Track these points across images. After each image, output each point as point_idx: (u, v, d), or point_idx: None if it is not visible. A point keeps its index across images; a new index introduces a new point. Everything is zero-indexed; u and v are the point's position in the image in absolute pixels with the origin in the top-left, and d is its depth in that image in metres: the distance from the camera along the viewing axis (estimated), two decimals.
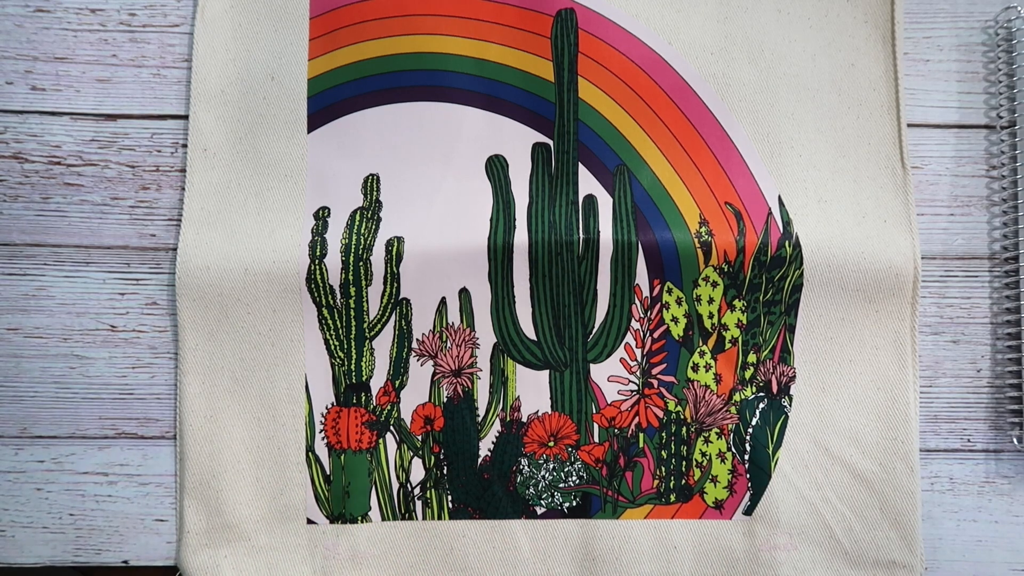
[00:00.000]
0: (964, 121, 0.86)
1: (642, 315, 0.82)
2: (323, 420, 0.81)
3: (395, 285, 0.80)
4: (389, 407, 0.82)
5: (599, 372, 0.82)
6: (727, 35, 0.84)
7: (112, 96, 0.85)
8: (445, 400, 0.82)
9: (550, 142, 0.83)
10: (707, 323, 0.82)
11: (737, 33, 0.84)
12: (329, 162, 0.83)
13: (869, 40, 0.84)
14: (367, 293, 0.80)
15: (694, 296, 0.81)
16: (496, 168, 0.82)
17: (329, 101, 0.83)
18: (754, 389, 0.82)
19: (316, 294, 0.80)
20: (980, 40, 0.87)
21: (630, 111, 0.83)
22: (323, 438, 0.81)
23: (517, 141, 0.83)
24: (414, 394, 0.82)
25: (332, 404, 0.82)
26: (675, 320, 0.82)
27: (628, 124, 0.83)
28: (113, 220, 0.84)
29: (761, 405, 0.82)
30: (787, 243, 0.80)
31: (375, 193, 0.82)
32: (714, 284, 0.81)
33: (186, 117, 0.84)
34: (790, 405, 0.82)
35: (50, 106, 0.84)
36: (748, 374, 0.82)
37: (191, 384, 0.81)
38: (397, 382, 0.82)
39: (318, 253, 0.79)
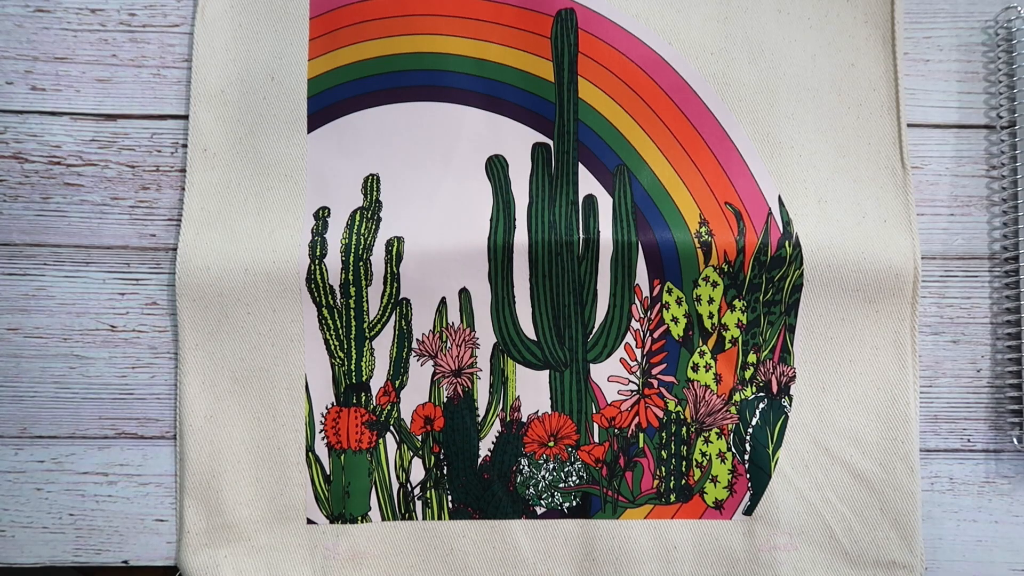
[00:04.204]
0: (964, 121, 0.86)
1: (642, 315, 0.82)
2: (323, 420, 0.81)
3: (395, 285, 0.80)
4: (389, 407, 0.82)
5: (599, 372, 0.82)
6: (727, 35, 0.84)
7: (112, 96, 0.85)
8: (445, 400, 0.82)
9: (550, 142, 0.82)
10: (707, 323, 0.82)
11: (737, 33, 0.84)
12: (329, 162, 0.83)
13: (869, 40, 0.84)
14: (367, 293, 0.80)
15: (694, 296, 0.81)
16: (496, 168, 0.82)
17: (329, 101, 0.83)
18: (754, 389, 0.82)
19: (316, 294, 0.80)
20: (980, 40, 0.87)
21: (630, 111, 0.83)
22: (323, 438, 0.81)
23: (517, 141, 0.83)
24: (414, 394, 0.82)
25: (332, 404, 0.81)
26: (675, 320, 0.82)
27: (628, 124, 0.83)
28: (113, 220, 0.84)
29: (761, 405, 0.82)
30: (787, 243, 0.80)
31: (375, 193, 0.82)
32: (714, 284, 0.81)
33: (186, 117, 0.84)
34: (790, 405, 0.82)
35: (50, 106, 0.84)
36: (748, 374, 0.82)
37: (191, 384, 0.80)
38: (397, 382, 0.82)
39: (318, 253, 0.79)
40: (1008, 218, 0.84)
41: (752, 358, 0.82)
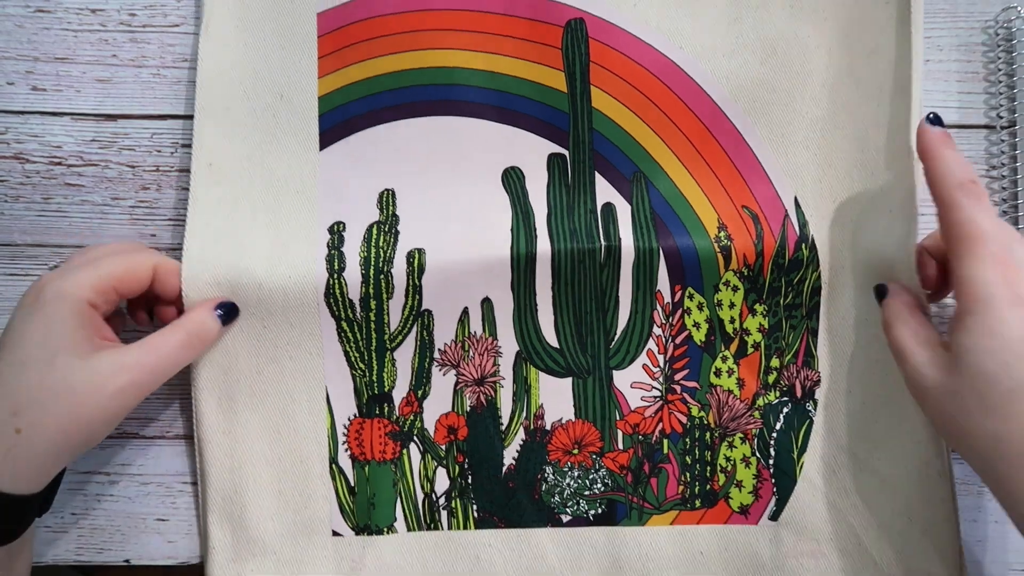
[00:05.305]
0: (964, 121, 0.87)
1: (664, 321, 0.82)
2: (346, 431, 0.81)
3: (417, 297, 0.80)
4: (412, 417, 0.82)
5: (622, 379, 0.82)
6: (739, 35, 0.83)
7: (112, 96, 0.84)
8: (468, 409, 0.82)
9: (566, 152, 0.82)
10: (728, 328, 0.82)
11: (749, 32, 0.83)
12: (342, 178, 0.82)
13: (888, 24, 0.81)
14: (388, 306, 0.80)
15: (715, 301, 0.82)
16: (513, 180, 0.82)
17: (341, 118, 0.82)
18: (778, 393, 0.82)
19: (335, 308, 0.79)
20: (980, 40, 0.87)
21: (644, 118, 0.83)
22: (346, 449, 0.81)
23: (532, 152, 0.82)
24: (437, 404, 0.82)
25: (354, 415, 0.81)
26: (697, 325, 0.82)
27: (643, 131, 0.83)
28: (114, 220, 0.84)
29: (785, 409, 0.82)
30: (804, 245, 0.80)
31: (391, 207, 0.81)
32: (734, 289, 0.81)
33: (186, 117, 0.84)
34: (815, 409, 0.82)
35: (51, 106, 0.84)
36: (771, 378, 0.82)
37: (207, 400, 0.79)
38: (419, 392, 0.82)
39: (336, 267, 0.78)
40: (1008, 218, 0.85)
41: (775, 362, 0.82)
